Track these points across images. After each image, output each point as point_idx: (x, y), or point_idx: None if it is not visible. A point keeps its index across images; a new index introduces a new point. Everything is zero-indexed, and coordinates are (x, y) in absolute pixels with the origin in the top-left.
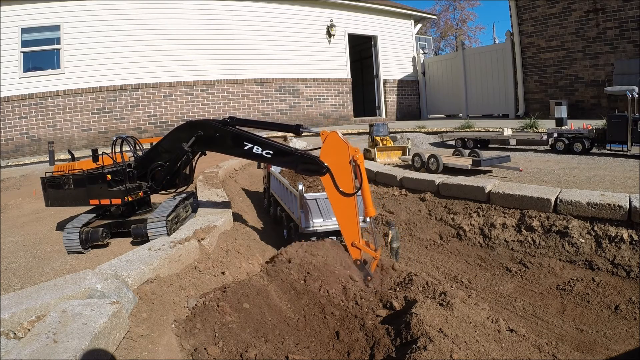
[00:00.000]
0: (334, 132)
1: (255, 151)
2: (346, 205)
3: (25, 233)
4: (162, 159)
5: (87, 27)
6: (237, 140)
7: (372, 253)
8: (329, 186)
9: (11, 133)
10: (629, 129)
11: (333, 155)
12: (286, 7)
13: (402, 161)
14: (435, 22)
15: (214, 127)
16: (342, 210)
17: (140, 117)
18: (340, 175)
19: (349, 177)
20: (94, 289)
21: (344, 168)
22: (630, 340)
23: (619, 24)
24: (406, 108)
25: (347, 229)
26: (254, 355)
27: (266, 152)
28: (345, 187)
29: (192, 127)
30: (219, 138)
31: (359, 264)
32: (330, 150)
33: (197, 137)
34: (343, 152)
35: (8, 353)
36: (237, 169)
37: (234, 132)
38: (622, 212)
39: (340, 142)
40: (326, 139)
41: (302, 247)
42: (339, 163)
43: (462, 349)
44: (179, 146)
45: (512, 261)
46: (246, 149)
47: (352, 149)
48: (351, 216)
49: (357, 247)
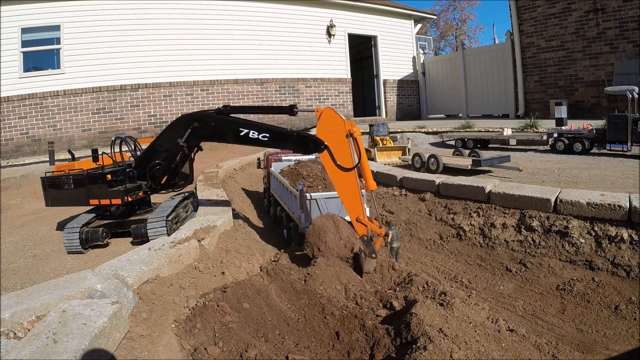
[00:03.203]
0: (329, 107)
1: (251, 136)
2: (347, 180)
3: (25, 233)
4: (161, 156)
5: (87, 27)
6: (233, 127)
7: (377, 229)
8: (328, 162)
9: (11, 133)
10: (629, 129)
11: (329, 131)
12: (286, 7)
13: (402, 161)
14: (435, 22)
15: (209, 117)
16: (343, 186)
17: (140, 117)
18: (338, 150)
19: (347, 151)
20: (94, 289)
21: (342, 142)
22: (630, 340)
23: (619, 24)
24: (406, 108)
25: (350, 205)
26: (254, 355)
27: (262, 135)
28: (344, 162)
29: (187, 120)
30: (215, 127)
31: (365, 240)
32: (326, 126)
33: (193, 129)
34: (339, 127)
35: (8, 353)
36: (237, 169)
37: (229, 120)
38: (622, 212)
39: (336, 117)
40: (321, 115)
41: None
42: (336, 138)
43: (462, 349)
44: (175, 142)
45: (512, 261)
46: (242, 134)
47: (348, 123)
48: (353, 191)
49: (362, 222)
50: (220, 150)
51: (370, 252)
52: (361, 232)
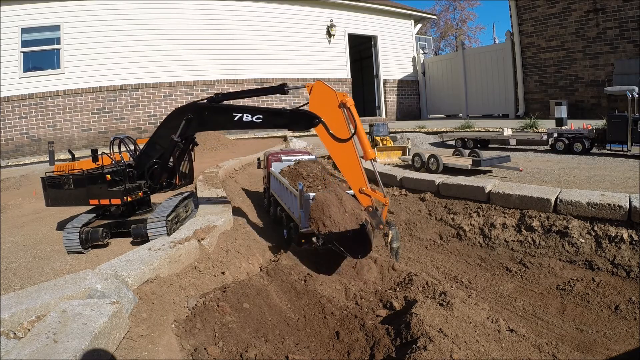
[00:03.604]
0: (319, 81)
1: (245, 119)
2: (345, 151)
3: (25, 233)
4: (158, 154)
5: (87, 27)
6: (226, 113)
7: (381, 199)
8: (324, 136)
9: (11, 133)
10: (629, 129)
11: (322, 104)
12: (286, 7)
13: (402, 161)
14: (435, 22)
15: (202, 107)
16: (342, 158)
17: (140, 117)
18: (333, 122)
19: (342, 122)
20: (94, 289)
21: (335, 114)
22: (630, 340)
23: (619, 24)
24: (406, 108)
25: (351, 176)
26: (254, 355)
27: (256, 117)
28: (340, 133)
29: (181, 113)
30: (209, 116)
31: (371, 211)
32: (318, 100)
33: (187, 121)
34: (331, 98)
35: (8, 353)
36: (237, 169)
37: (221, 107)
38: (622, 212)
39: (327, 89)
40: (312, 89)
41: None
42: (329, 110)
43: (462, 349)
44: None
45: (512, 261)
46: (236, 119)
47: (340, 94)
48: (352, 162)
49: (366, 193)
50: (220, 150)
51: (378, 223)
52: (366, 203)
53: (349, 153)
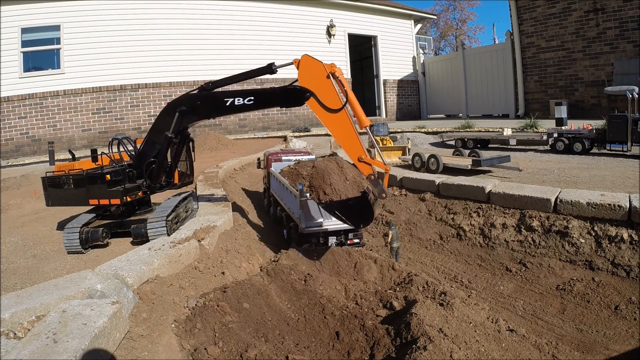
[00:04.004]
0: (305, 54)
1: (237, 103)
2: (339, 121)
3: (25, 233)
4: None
5: (87, 27)
6: (218, 99)
7: (382, 166)
8: (317, 109)
9: (11, 133)
10: (629, 129)
11: (310, 77)
12: (286, 7)
13: (402, 161)
14: (435, 22)
15: (193, 97)
16: (338, 128)
17: (140, 117)
18: (324, 93)
19: (333, 92)
20: (94, 289)
21: (325, 85)
22: (630, 340)
23: (619, 24)
24: (406, 108)
25: (348, 146)
26: (254, 355)
27: (248, 99)
28: (332, 104)
29: (173, 106)
30: (201, 105)
31: (373, 179)
32: (307, 73)
33: (181, 113)
34: (319, 70)
35: (8, 353)
36: (237, 169)
37: (212, 94)
38: (622, 212)
39: (314, 61)
40: (300, 64)
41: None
42: (319, 82)
43: (462, 349)
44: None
45: (512, 261)
46: (229, 104)
47: (328, 65)
48: (348, 131)
49: (365, 162)
50: (220, 150)
51: (380, 191)
52: (366, 172)
53: (344, 122)
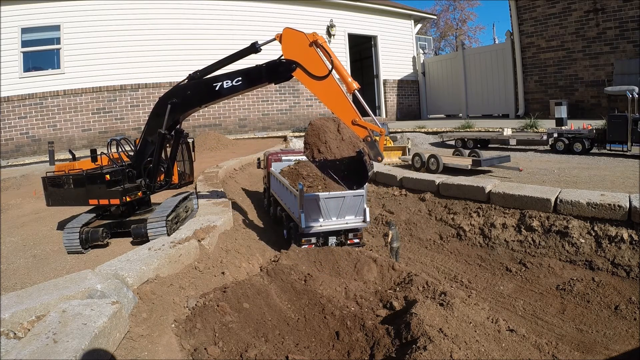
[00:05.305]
0: (286, 27)
1: (226, 85)
2: (328, 88)
3: (25, 233)
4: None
5: (87, 27)
6: (207, 85)
7: (376, 128)
8: (304, 78)
9: (11, 133)
10: (629, 129)
11: (294, 48)
12: (286, 7)
13: (402, 161)
14: (435, 22)
15: (182, 87)
16: (327, 95)
17: (140, 117)
18: (309, 62)
19: (317, 60)
20: (94, 289)
21: (309, 54)
22: (630, 340)
23: (619, 24)
24: (406, 108)
25: (340, 111)
26: (254, 355)
27: (236, 80)
28: (319, 71)
29: (164, 101)
30: (192, 94)
31: (370, 141)
32: (290, 45)
33: (173, 105)
34: (302, 40)
35: (8, 353)
36: (237, 169)
37: (201, 81)
38: (622, 212)
39: (295, 32)
40: (282, 37)
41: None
42: (303, 52)
43: (462, 349)
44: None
45: (512, 261)
46: (218, 88)
47: (310, 35)
48: (338, 96)
49: (359, 124)
50: (220, 150)
51: (376, 154)
52: (362, 134)
53: (333, 88)
